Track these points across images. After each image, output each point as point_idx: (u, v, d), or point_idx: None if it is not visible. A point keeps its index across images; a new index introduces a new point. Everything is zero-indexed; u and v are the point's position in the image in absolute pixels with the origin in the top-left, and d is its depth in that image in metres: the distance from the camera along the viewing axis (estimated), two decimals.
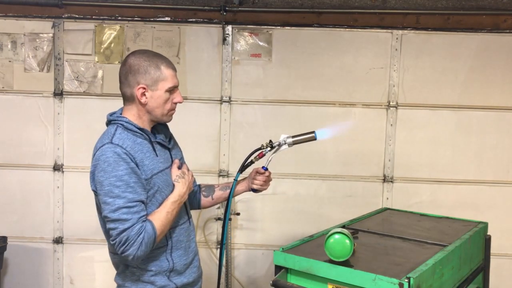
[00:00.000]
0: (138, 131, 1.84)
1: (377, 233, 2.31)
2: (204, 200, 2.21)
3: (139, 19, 3.56)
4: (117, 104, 3.40)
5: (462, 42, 3.53)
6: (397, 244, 2.18)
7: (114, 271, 2.01)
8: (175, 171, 1.93)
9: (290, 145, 2.10)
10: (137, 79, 1.81)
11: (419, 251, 2.04)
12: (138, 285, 1.88)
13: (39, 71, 3.59)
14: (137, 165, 1.77)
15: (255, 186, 2.15)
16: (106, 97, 3.57)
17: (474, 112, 3.56)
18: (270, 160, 2.11)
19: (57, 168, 3.62)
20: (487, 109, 3.56)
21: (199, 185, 2.25)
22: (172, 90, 1.86)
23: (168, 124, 2.04)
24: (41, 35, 3.57)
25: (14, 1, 3.51)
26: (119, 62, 3.57)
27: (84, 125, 3.61)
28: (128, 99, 1.87)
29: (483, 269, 2.49)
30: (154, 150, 1.87)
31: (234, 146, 3.62)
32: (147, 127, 1.90)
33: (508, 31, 3.50)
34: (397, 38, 3.54)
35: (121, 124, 1.84)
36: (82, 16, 3.56)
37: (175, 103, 1.90)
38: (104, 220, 1.80)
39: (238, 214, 3.58)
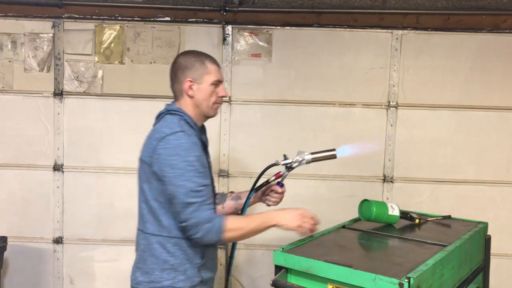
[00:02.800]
0: (194, 126, 2.00)
1: (377, 233, 2.31)
2: (216, 206, 2.21)
3: (139, 19, 3.56)
4: (117, 104, 3.42)
5: (462, 42, 3.53)
6: (397, 244, 2.18)
7: (113, 271, 2.01)
8: (303, 212, 1.98)
9: (308, 162, 2.04)
10: (184, 75, 1.99)
11: (419, 251, 2.04)
12: (170, 274, 1.93)
13: (39, 71, 3.58)
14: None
15: (270, 204, 2.16)
16: (106, 97, 3.57)
17: (474, 112, 3.56)
18: (285, 177, 2.07)
19: (57, 168, 3.62)
20: (487, 109, 3.55)
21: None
22: (216, 84, 2.02)
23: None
24: (41, 35, 3.56)
25: (14, 1, 3.51)
26: (119, 62, 3.57)
27: (84, 125, 3.61)
28: (178, 95, 2.04)
29: (483, 269, 2.49)
30: (202, 147, 2.02)
31: (234, 146, 3.62)
32: (198, 124, 2.05)
33: (508, 31, 3.50)
34: (397, 38, 3.54)
35: (181, 116, 1.98)
36: (82, 16, 3.56)
37: (220, 97, 2.05)
38: (158, 201, 1.94)
39: (239, 213, 3.58)
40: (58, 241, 3.65)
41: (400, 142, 3.59)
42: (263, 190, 2.16)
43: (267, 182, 2.07)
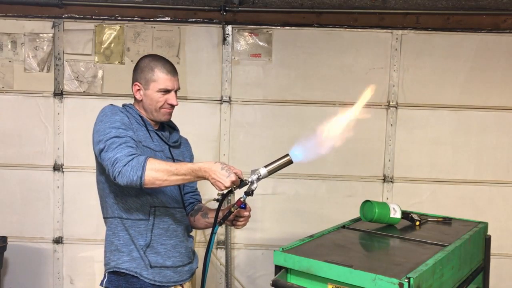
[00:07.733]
0: (139, 118, 2.02)
1: (377, 233, 2.31)
2: (189, 217, 2.18)
3: (139, 19, 3.56)
4: (117, 104, 3.38)
5: (462, 42, 3.53)
6: (397, 244, 2.17)
7: None
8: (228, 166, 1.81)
9: (265, 176, 1.84)
10: (135, 77, 2.03)
11: (419, 251, 2.03)
12: (115, 255, 1.95)
13: (39, 71, 3.59)
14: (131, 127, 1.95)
15: (239, 227, 2.04)
16: (106, 97, 3.57)
17: (474, 112, 3.56)
18: (246, 198, 1.87)
19: (57, 168, 3.62)
20: (487, 109, 3.56)
21: (199, 200, 2.24)
22: (165, 92, 1.99)
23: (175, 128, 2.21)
24: (41, 35, 3.57)
25: (14, 1, 3.51)
26: (119, 62, 3.57)
27: (84, 125, 3.59)
28: (133, 94, 2.07)
29: (483, 269, 2.49)
30: (150, 135, 2.02)
31: (234, 146, 3.62)
32: (150, 122, 2.06)
33: (508, 31, 3.51)
34: (397, 38, 3.54)
35: (126, 107, 2.05)
36: (82, 16, 3.56)
37: (169, 104, 2.02)
38: (99, 181, 1.99)
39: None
40: (58, 241, 3.65)
41: (400, 142, 3.59)
42: (231, 219, 2.00)
43: (230, 212, 1.90)
